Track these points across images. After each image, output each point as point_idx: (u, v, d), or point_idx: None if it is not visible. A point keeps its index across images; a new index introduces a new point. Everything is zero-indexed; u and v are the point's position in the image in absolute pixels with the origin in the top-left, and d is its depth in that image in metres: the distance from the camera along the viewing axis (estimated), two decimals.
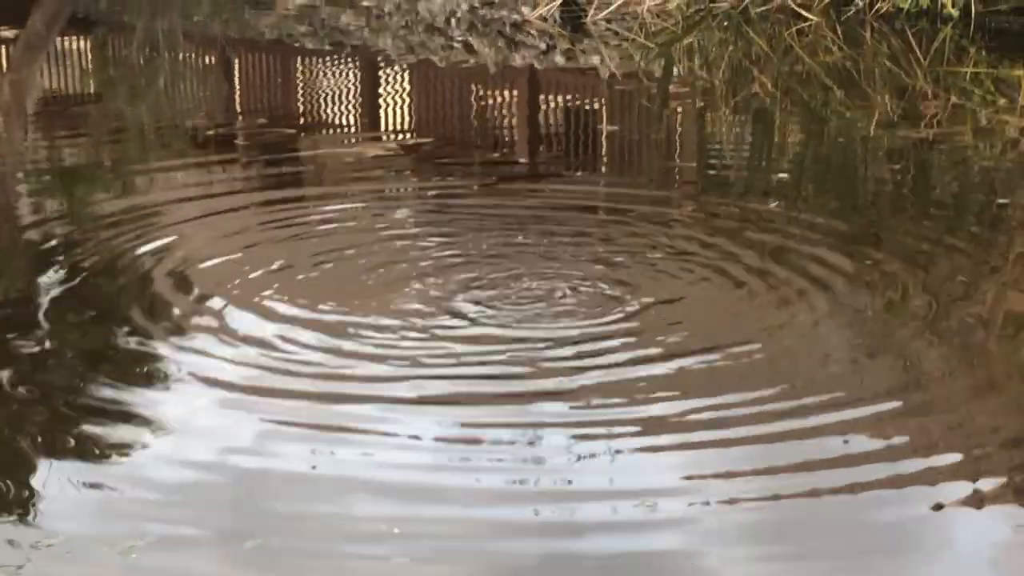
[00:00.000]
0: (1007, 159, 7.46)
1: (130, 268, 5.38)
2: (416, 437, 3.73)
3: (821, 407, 3.84)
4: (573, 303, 4.76)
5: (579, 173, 7.57)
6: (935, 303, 4.79)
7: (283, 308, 4.74)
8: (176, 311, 4.81)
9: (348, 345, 4.38)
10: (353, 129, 9.34)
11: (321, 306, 4.74)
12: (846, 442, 3.62)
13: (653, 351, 4.29)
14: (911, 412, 3.83)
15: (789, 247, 5.48)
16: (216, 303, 4.83)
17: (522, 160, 8.01)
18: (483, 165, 7.80)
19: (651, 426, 3.77)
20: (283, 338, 4.43)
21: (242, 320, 4.64)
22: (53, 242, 5.82)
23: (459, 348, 4.35)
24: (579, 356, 4.27)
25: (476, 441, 3.71)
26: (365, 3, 14.70)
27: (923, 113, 8.59)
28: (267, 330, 4.52)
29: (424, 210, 6.50)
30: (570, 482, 3.48)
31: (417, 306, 4.75)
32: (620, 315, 4.63)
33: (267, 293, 4.91)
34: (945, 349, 4.39)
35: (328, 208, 6.51)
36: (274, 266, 5.28)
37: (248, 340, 4.43)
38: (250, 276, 5.15)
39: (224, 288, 4.99)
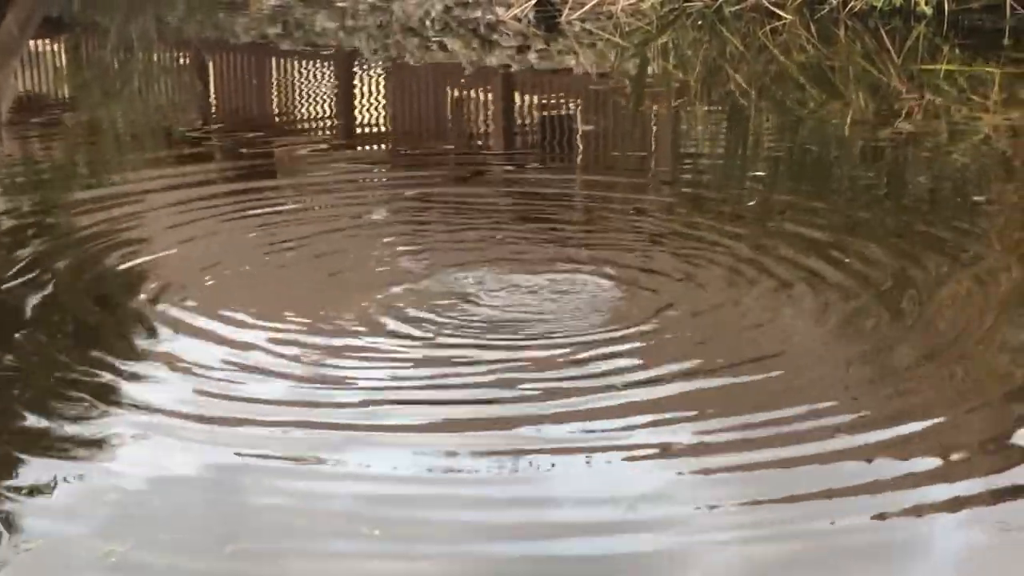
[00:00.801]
0: (981, 156, 7.49)
1: (97, 272, 5.35)
2: (397, 456, 3.69)
3: (800, 415, 3.82)
4: (553, 308, 4.73)
5: (554, 171, 7.57)
6: (914, 305, 4.80)
7: (250, 317, 4.66)
8: (149, 319, 4.75)
9: (328, 348, 4.38)
10: (327, 128, 9.31)
11: (288, 312, 4.69)
12: (822, 447, 3.62)
13: (635, 360, 4.26)
14: (889, 417, 3.82)
15: (759, 249, 5.47)
16: (189, 309, 4.79)
17: (497, 158, 8.01)
18: (457, 162, 7.81)
19: (632, 435, 3.77)
20: (257, 350, 4.39)
21: (228, 327, 4.61)
22: (21, 247, 5.75)
23: (438, 358, 4.30)
24: (565, 365, 4.22)
25: (457, 454, 3.68)
26: (340, 4, 14.69)
27: (897, 111, 8.63)
28: (240, 341, 4.47)
29: (399, 207, 6.49)
30: (551, 491, 3.47)
31: (397, 306, 4.74)
32: (602, 319, 4.62)
33: (238, 299, 4.86)
34: (925, 353, 4.39)
35: (300, 205, 6.52)
36: (245, 268, 5.29)
37: (221, 352, 4.39)
38: (239, 282, 5.15)
39: (203, 292, 4.96)
